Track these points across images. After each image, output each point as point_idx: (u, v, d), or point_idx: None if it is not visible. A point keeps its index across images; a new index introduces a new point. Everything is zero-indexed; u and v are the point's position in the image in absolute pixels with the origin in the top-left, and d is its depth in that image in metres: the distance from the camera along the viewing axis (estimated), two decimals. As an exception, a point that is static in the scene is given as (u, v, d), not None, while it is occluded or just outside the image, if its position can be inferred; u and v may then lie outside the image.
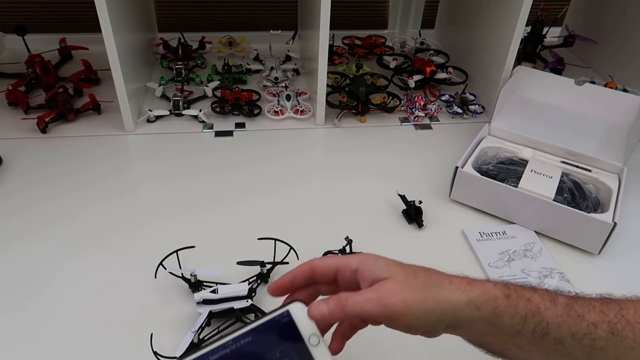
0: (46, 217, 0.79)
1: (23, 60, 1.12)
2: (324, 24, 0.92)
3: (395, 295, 0.39)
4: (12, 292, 0.67)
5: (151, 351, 0.57)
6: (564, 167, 0.86)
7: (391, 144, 1.01)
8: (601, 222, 0.73)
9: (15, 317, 0.63)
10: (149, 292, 0.67)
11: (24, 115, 1.02)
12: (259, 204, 0.83)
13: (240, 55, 1.30)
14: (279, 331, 0.39)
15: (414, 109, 1.08)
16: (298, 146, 0.99)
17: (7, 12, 1.32)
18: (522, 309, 0.40)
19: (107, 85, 1.11)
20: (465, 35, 1.21)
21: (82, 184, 0.86)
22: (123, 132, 0.99)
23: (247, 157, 0.95)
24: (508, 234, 0.79)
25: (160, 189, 0.87)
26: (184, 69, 1.15)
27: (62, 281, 0.68)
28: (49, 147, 0.95)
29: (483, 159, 0.88)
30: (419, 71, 1.16)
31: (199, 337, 0.59)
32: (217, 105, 1.06)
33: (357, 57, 1.27)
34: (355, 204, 0.84)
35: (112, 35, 0.87)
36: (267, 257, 0.69)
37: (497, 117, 0.93)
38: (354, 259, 0.43)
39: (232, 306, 0.62)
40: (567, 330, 0.39)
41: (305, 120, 1.06)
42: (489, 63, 1.07)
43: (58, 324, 0.63)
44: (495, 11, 1.04)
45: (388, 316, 0.39)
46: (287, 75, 1.19)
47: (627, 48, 1.19)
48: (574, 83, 0.97)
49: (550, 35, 1.31)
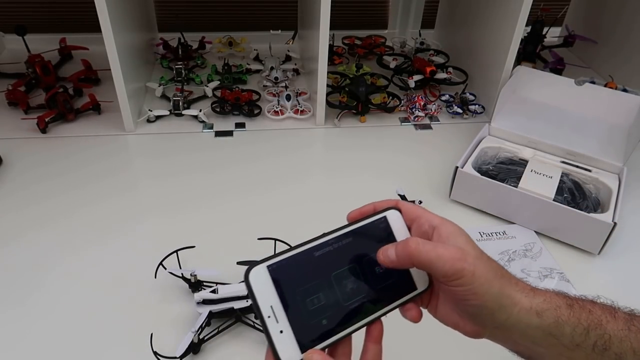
0: (46, 217, 0.79)
1: (23, 60, 1.12)
2: (324, 24, 0.92)
3: (467, 263, 0.37)
4: (11, 291, 0.67)
5: (151, 351, 0.57)
6: (564, 167, 0.86)
7: (391, 144, 1.01)
8: (601, 222, 0.73)
9: (15, 317, 0.63)
10: (149, 292, 0.67)
11: (24, 115, 1.02)
12: (259, 203, 0.83)
13: (240, 55, 1.30)
14: (376, 235, 0.41)
15: (414, 109, 1.08)
16: (298, 146, 0.99)
17: (7, 12, 1.32)
18: (585, 320, 0.38)
19: (107, 85, 1.11)
20: (465, 35, 1.21)
21: (82, 184, 0.86)
22: (123, 132, 0.99)
23: (247, 157, 0.95)
24: (508, 234, 0.79)
25: (160, 189, 0.87)
26: (184, 69, 1.15)
27: (62, 281, 0.68)
28: (49, 147, 0.95)
29: (483, 159, 0.88)
30: (419, 71, 1.16)
31: (199, 337, 0.59)
32: (217, 105, 1.06)
33: (357, 57, 1.27)
34: (356, 204, 0.83)
35: (112, 35, 0.87)
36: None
37: (497, 117, 0.93)
38: (438, 217, 0.41)
39: (232, 306, 0.62)
40: (629, 346, 0.38)
41: (305, 120, 1.06)
42: (489, 63, 1.07)
43: (57, 323, 0.63)
44: (495, 11, 1.04)
45: (453, 276, 0.37)
46: (287, 75, 1.19)
47: (627, 48, 1.19)
48: (574, 83, 0.97)
49: (550, 35, 1.31)
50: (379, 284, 0.40)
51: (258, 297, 0.35)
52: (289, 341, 0.35)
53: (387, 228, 0.41)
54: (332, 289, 0.38)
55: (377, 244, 0.40)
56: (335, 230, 0.39)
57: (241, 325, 0.63)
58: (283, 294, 0.36)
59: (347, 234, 0.40)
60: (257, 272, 0.36)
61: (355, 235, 0.40)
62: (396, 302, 0.40)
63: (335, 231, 0.39)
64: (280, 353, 0.35)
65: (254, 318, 0.63)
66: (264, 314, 0.35)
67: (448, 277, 0.37)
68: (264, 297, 0.35)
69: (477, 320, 0.39)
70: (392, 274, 0.40)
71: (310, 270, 0.37)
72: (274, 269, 0.36)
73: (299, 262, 0.37)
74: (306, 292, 0.37)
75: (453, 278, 0.37)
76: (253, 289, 0.35)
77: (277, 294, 0.36)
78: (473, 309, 0.38)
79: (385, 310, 0.40)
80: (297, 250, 0.37)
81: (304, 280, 0.37)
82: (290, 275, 0.36)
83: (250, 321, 0.62)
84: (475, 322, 0.39)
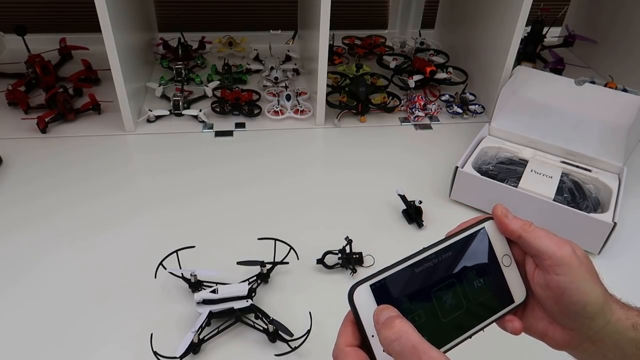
0: (45, 216, 0.79)
1: (23, 60, 1.12)
2: (324, 24, 0.92)
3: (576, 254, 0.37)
4: (11, 291, 0.67)
5: (151, 351, 0.57)
6: (564, 167, 0.86)
7: (391, 143, 1.01)
8: (601, 222, 0.73)
9: (15, 317, 0.63)
10: (149, 292, 0.67)
11: (24, 115, 1.02)
12: (259, 203, 0.84)
13: (240, 55, 1.29)
14: (475, 248, 0.40)
15: (414, 109, 1.08)
16: (298, 146, 0.99)
17: (7, 12, 1.32)
18: None
19: (107, 85, 1.11)
20: (465, 35, 1.21)
21: (82, 184, 0.86)
22: (123, 132, 0.99)
23: (247, 157, 0.95)
24: (508, 234, 0.79)
25: (160, 189, 0.86)
26: (184, 69, 1.15)
27: (61, 281, 0.68)
28: (49, 147, 0.95)
29: (483, 159, 0.88)
30: (419, 71, 1.16)
31: (199, 337, 0.59)
32: (217, 105, 1.06)
33: (357, 57, 1.27)
34: (356, 204, 0.84)
35: (112, 35, 0.87)
36: (267, 257, 0.69)
37: (497, 117, 0.93)
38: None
39: (232, 306, 0.62)
40: None
41: (305, 120, 1.06)
42: (489, 63, 1.07)
43: (57, 323, 0.63)
44: (495, 11, 1.04)
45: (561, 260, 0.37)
46: (287, 75, 1.19)
47: (627, 48, 1.19)
48: (574, 83, 0.97)
49: (550, 35, 1.31)
50: (478, 299, 0.39)
51: (362, 317, 0.35)
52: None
53: (485, 239, 0.41)
54: (432, 305, 0.37)
55: (475, 257, 0.40)
56: (434, 244, 0.39)
57: (241, 325, 0.62)
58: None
59: (446, 249, 0.39)
60: (360, 292, 0.35)
61: (453, 249, 0.39)
62: (495, 316, 0.40)
63: (433, 246, 0.39)
64: None
65: (254, 318, 0.63)
66: (367, 333, 0.35)
67: (555, 261, 0.37)
68: (368, 317, 0.35)
69: (574, 324, 0.38)
70: (490, 286, 0.40)
71: (411, 287, 0.37)
72: (377, 288, 0.36)
73: (400, 279, 0.37)
74: (408, 309, 0.36)
75: (560, 262, 0.37)
76: (358, 309, 0.35)
77: None
78: (574, 308, 0.37)
79: (484, 324, 0.39)
80: (399, 267, 0.37)
81: (405, 297, 0.37)
82: (392, 293, 0.36)
83: (250, 321, 0.62)
84: (571, 326, 0.39)
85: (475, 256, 0.40)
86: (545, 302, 0.39)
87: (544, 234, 0.38)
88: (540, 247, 0.38)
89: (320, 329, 0.61)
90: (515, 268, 0.41)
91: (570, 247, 0.38)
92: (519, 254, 0.41)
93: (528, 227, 0.40)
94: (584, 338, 0.38)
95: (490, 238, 0.41)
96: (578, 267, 0.37)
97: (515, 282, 0.41)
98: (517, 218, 0.41)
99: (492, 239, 0.41)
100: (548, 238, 0.38)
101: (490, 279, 0.40)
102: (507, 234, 0.41)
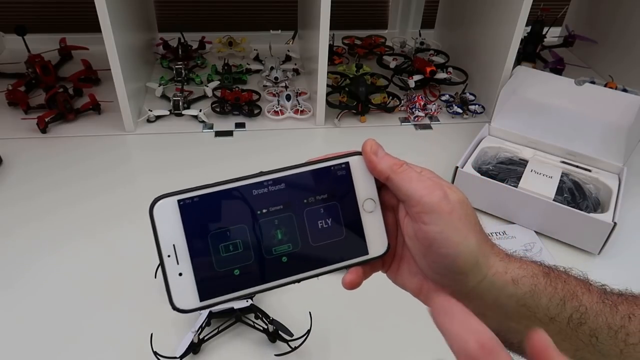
0: (46, 216, 0.79)
1: (23, 60, 1.12)
2: (324, 24, 0.91)
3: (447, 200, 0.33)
4: (10, 290, 0.67)
5: (151, 351, 0.57)
6: (564, 167, 0.86)
7: (391, 144, 1.00)
8: (601, 222, 0.73)
9: (14, 316, 0.63)
10: (149, 292, 0.67)
11: (24, 115, 1.02)
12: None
13: (240, 55, 1.29)
14: (330, 184, 0.35)
15: (414, 109, 1.08)
16: (298, 146, 0.99)
17: (7, 12, 1.32)
18: (561, 291, 0.34)
19: (107, 85, 1.11)
20: (465, 35, 1.21)
21: (82, 183, 0.86)
22: (123, 132, 0.99)
23: (247, 157, 0.95)
24: (508, 234, 0.79)
25: (160, 189, 0.86)
26: (184, 69, 1.15)
27: (61, 280, 0.68)
28: (49, 147, 0.95)
29: (483, 159, 0.88)
30: (419, 71, 1.16)
31: (199, 337, 0.59)
32: (217, 105, 1.06)
33: (357, 57, 1.27)
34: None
35: (112, 35, 0.87)
36: (267, 257, 0.69)
37: (497, 117, 0.93)
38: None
39: (232, 306, 0.62)
40: (604, 321, 0.34)
41: (305, 120, 1.06)
42: (489, 63, 1.07)
43: (57, 323, 0.63)
44: (495, 11, 1.04)
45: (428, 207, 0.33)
46: (287, 75, 1.19)
47: (627, 48, 1.19)
48: (574, 83, 0.97)
49: (550, 35, 1.31)
50: (318, 241, 0.34)
51: (160, 233, 0.32)
52: (188, 286, 0.32)
53: (347, 176, 0.35)
54: (256, 237, 0.33)
55: (327, 193, 0.34)
56: (281, 169, 0.34)
57: (241, 325, 0.63)
58: (191, 234, 0.32)
59: (292, 177, 0.34)
60: (163, 205, 0.32)
61: (301, 179, 0.34)
62: (336, 265, 0.35)
63: (279, 170, 0.34)
64: (174, 297, 0.32)
65: (254, 318, 0.63)
66: (163, 252, 0.32)
67: (423, 207, 0.32)
68: (167, 234, 0.32)
69: (446, 280, 0.34)
70: (340, 232, 0.35)
71: (233, 212, 0.32)
72: (186, 205, 0.32)
73: (221, 200, 0.32)
74: (222, 235, 0.32)
75: (428, 209, 0.32)
76: (156, 223, 0.32)
77: (184, 232, 0.32)
78: (444, 261, 0.33)
79: (319, 271, 0.34)
80: (222, 187, 0.33)
81: (222, 222, 0.32)
82: (206, 214, 0.32)
83: (250, 321, 0.62)
84: (443, 283, 0.34)
85: (327, 192, 0.34)
86: (415, 255, 0.35)
87: (415, 176, 0.33)
88: (409, 190, 0.33)
89: (320, 329, 0.61)
90: (379, 216, 0.35)
91: (442, 192, 0.33)
92: (393, 201, 0.36)
93: (398, 167, 0.34)
94: (459, 295, 0.33)
95: (353, 176, 0.35)
96: (448, 215, 0.32)
97: (375, 231, 0.35)
98: (388, 156, 0.36)
99: (355, 177, 0.35)
100: (419, 181, 0.33)
101: (342, 222, 0.35)
102: (374, 173, 0.35)
